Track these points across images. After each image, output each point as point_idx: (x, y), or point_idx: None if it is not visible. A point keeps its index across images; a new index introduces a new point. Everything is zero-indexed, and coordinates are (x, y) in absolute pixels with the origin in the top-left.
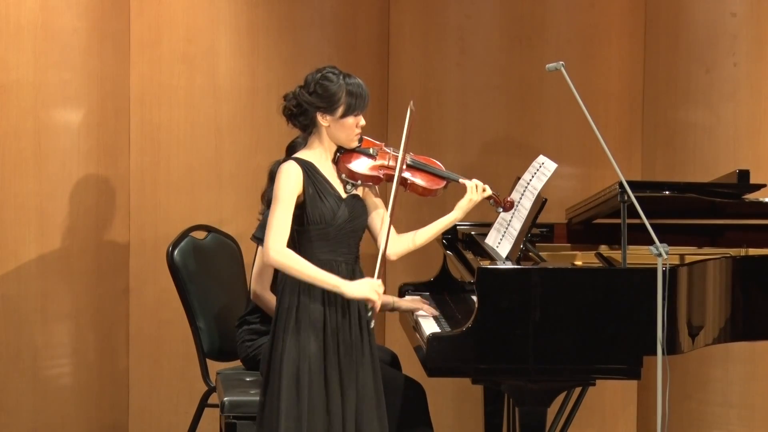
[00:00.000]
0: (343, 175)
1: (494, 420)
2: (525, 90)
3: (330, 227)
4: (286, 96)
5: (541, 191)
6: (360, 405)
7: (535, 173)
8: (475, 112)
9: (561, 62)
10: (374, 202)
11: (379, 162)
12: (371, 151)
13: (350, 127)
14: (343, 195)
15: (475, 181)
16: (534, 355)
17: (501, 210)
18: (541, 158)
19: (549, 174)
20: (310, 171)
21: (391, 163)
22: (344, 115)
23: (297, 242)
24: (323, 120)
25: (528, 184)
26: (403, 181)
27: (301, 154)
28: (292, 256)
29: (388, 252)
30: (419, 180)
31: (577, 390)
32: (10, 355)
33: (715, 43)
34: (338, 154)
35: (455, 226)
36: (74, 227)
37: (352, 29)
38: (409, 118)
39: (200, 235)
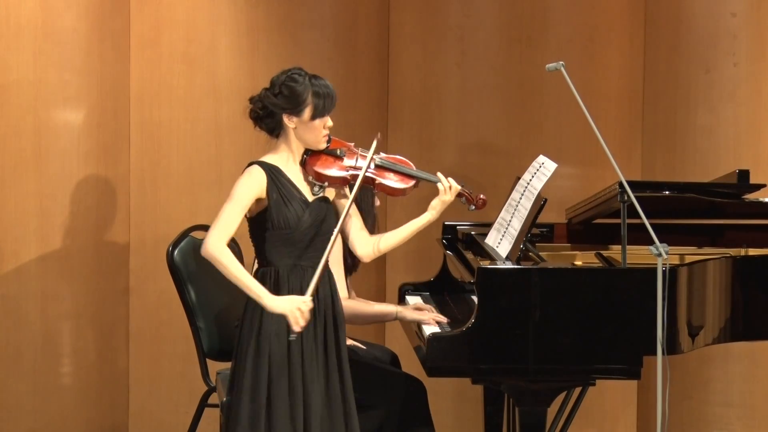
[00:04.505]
0: (310, 177)
1: (494, 420)
2: (525, 90)
3: (294, 232)
4: (252, 98)
5: (541, 191)
6: (326, 411)
7: (535, 173)
8: (475, 112)
9: (561, 62)
10: (343, 204)
11: (346, 163)
12: (338, 152)
13: (317, 129)
14: (310, 198)
15: (449, 181)
16: (534, 355)
17: (473, 208)
18: (541, 158)
19: (549, 174)
20: (275, 175)
21: (359, 163)
22: (312, 118)
23: (263, 247)
24: (290, 122)
25: (528, 184)
26: (371, 181)
27: (267, 158)
28: (227, 254)
29: (361, 254)
30: (387, 180)
31: (577, 390)
32: (10, 355)
33: (715, 43)
34: (305, 156)
35: (455, 226)
36: (74, 227)
37: (352, 29)
38: (375, 147)
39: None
